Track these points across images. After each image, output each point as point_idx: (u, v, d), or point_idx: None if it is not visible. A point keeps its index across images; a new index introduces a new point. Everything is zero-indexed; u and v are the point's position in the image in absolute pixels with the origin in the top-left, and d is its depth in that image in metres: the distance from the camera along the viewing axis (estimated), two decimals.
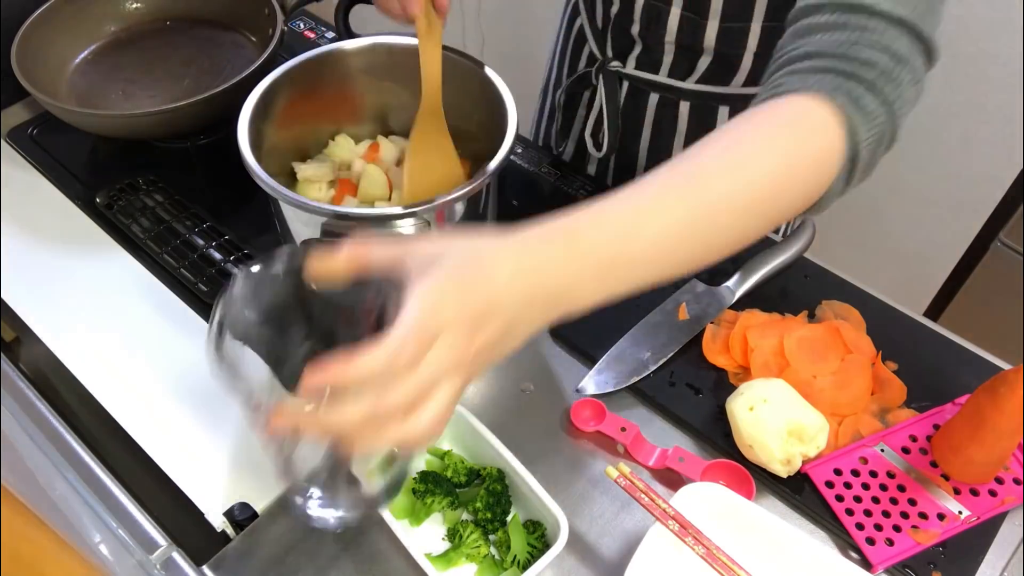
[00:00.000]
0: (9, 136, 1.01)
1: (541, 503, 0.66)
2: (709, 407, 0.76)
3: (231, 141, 0.74)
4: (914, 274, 1.72)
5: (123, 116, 0.94)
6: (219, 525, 0.69)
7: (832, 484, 0.70)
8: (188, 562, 0.67)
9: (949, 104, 1.48)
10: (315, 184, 0.83)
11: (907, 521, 0.68)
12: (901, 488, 0.70)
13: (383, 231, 0.71)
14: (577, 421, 0.75)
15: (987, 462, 0.68)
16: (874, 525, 0.68)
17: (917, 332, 0.81)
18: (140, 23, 1.08)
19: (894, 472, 0.71)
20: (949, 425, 0.70)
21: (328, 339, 0.53)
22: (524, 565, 0.64)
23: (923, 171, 1.59)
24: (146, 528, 0.69)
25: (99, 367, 0.79)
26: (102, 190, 0.94)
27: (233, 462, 0.72)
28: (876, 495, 0.70)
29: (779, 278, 0.84)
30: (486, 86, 0.79)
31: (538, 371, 0.79)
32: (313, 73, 0.82)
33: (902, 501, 0.70)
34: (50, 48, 1.00)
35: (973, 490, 0.70)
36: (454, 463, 0.71)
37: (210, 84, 0.99)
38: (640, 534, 0.64)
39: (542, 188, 0.96)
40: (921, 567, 0.66)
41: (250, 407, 0.54)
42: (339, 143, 0.87)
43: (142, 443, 0.74)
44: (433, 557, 0.67)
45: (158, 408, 0.76)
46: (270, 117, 0.79)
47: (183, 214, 0.91)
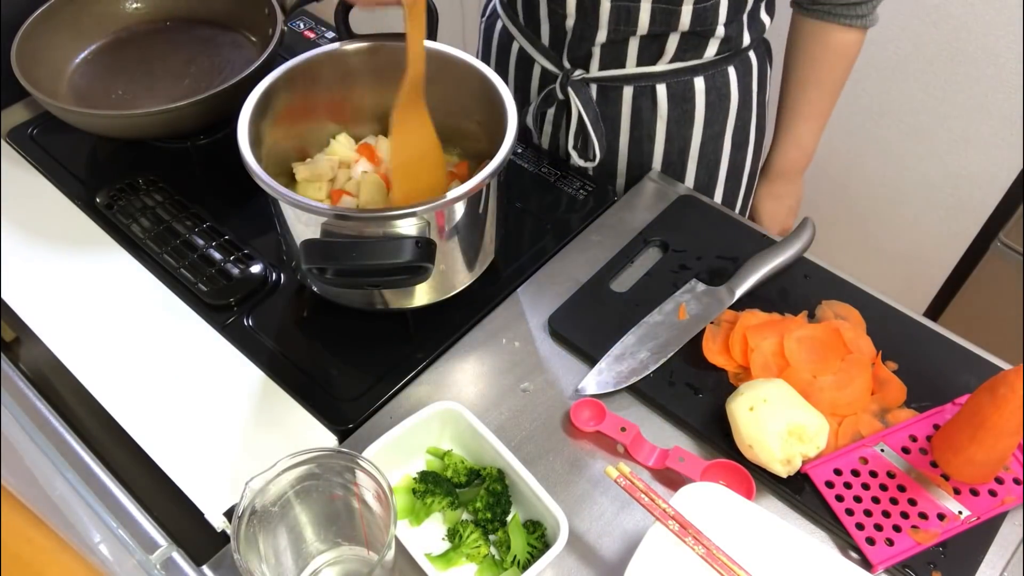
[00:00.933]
0: (9, 136, 1.01)
1: (541, 503, 0.66)
2: (709, 407, 0.76)
3: (231, 141, 0.74)
4: (914, 274, 1.72)
5: (123, 116, 0.93)
6: (219, 525, 0.69)
7: (832, 484, 0.70)
8: (188, 562, 0.67)
9: (949, 104, 1.48)
10: (314, 184, 0.83)
11: (907, 521, 0.68)
12: (901, 488, 0.70)
13: (383, 231, 0.71)
14: (577, 421, 0.75)
15: (987, 462, 0.68)
16: (874, 525, 0.68)
17: (917, 332, 0.81)
18: (140, 23, 1.08)
19: (894, 472, 0.71)
20: (949, 425, 0.70)
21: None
22: (524, 565, 0.64)
23: (923, 171, 1.59)
24: (146, 528, 0.69)
25: (99, 367, 0.79)
26: (102, 190, 0.94)
27: (233, 462, 0.72)
28: (876, 495, 0.70)
29: (779, 278, 0.84)
30: (486, 86, 0.79)
31: (538, 371, 0.79)
32: (313, 73, 0.82)
33: (902, 501, 0.70)
34: (50, 48, 1.00)
35: (973, 490, 0.70)
36: (454, 463, 0.71)
37: (210, 84, 0.99)
38: (640, 534, 0.64)
39: (542, 188, 0.96)
40: (921, 567, 0.66)
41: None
42: (339, 143, 0.87)
43: (142, 443, 0.74)
44: (433, 557, 0.67)
45: (158, 408, 0.76)
46: (270, 117, 0.79)
47: (183, 214, 0.91)
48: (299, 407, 0.76)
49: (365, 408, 0.76)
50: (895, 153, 1.61)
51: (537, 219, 0.93)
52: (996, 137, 1.46)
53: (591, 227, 0.92)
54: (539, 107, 0.99)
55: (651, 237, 0.89)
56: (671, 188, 0.97)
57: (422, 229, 0.70)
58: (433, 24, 0.97)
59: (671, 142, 0.98)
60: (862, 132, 1.62)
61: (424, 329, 0.82)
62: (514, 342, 0.82)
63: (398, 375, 0.78)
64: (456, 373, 0.79)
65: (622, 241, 0.89)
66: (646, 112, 0.95)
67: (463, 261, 0.79)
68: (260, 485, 0.60)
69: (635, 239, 0.89)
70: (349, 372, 0.78)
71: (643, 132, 0.97)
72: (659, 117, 0.95)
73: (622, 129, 0.97)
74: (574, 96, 0.94)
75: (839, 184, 1.72)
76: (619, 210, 0.94)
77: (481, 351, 0.81)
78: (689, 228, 0.90)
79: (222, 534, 0.69)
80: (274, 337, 0.81)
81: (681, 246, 0.88)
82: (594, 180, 0.97)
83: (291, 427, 0.75)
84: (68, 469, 0.73)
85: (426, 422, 0.71)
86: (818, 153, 1.07)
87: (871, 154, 1.64)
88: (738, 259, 0.85)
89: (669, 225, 0.91)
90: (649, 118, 0.96)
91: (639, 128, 0.97)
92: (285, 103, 0.81)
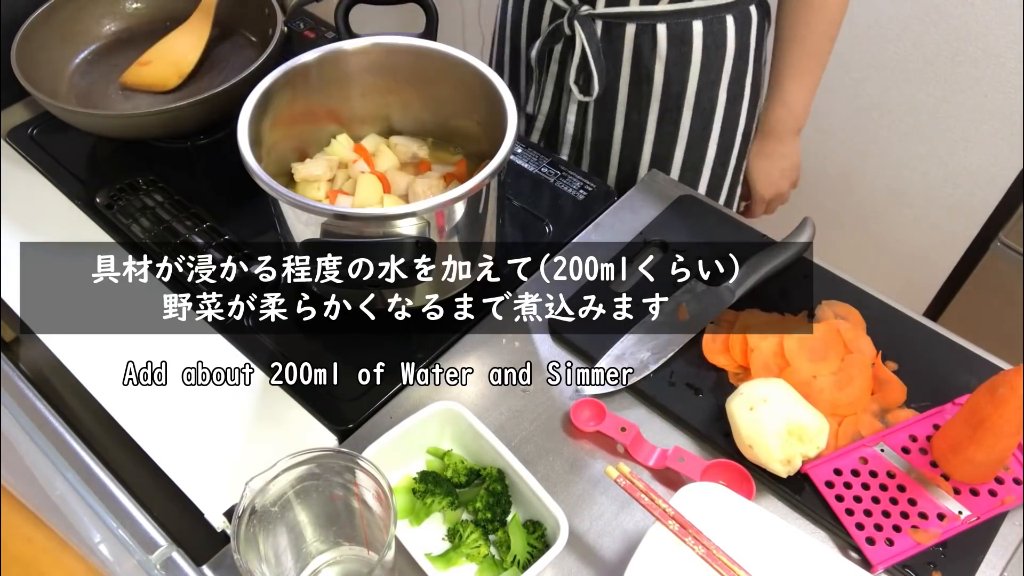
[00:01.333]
0: (9, 136, 1.01)
1: (541, 503, 0.66)
2: (709, 407, 0.76)
3: (231, 141, 0.74)
4: (914, 274, 1.72)
5: (123, 116, 0.94)
6: (219, 525, 0.69)
7: (832, 484, 0.70)
8: (188, 562, 0.67)
9: (949, 104, 1.48)
10: (314, 184, 0.83)
11: (907, 521, 0.68)
12: (901, 488, 0.70)
13: (382, 231, 0.71)
14: (577, 421, 0.75)
15: (987, 462, 0.68)
16: (874, 525, 0.68)
17: (917, 332, 0.81)
18: (140, 23, 1.08)
19: (894, 472, 0.71)
20: (949, 425, 0.70)
21: None
22: (524, 565, 0.64)
23: (923, 171, 1.59)
24: (146, 528, 0.69)
25: (99, 367, 0.79)
26: (102, 190, 0.94)
27: (233, 462, 0.72)
28: (876, 495, 0.70)
29: (779, 278, 0.84)
30: (486, 86, 0.79)
31: (538, 371, 0.79)
32: (313, 73, 0.82)
33: (902, 501, 0.69)
34: (50, 48, 1.00)
35: (973, 490, 0.70)
36: (454, 463, 0.71)
37: (210, 84, 0.99)
38: (640, 534, 0.64)
39: (542, 188, 0.96)
40: (921, 567, 0.66)
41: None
42: (339, 143, 0.87)
43: (142, 443, 0.74)
44: (433, 557, 0.67)
45: (158, 408, 0.76)
46: (270, 117, 0.79)
47: (183, 214, 0.91)
48: (299, 407, 0.76)
49: (365, 408, 0.76)
50: (895, 153, 1.61)
51: (537, 219, 0.93)
52: (996, 137, 1.46)
53: (591, 227, 0.92)
54: (545, 42, 1.03)
55: (651, 237, 0.89)
56: (671, 188, 0.97)
57: (422, 229, 0.70)
58: (433, 24, 0.97)
59: (669, 85, 1.01)
60: (862, 132, 1.62)
61: (424, 329, 0.82)
62: (514, 342, 0.82)
63: (398, 375, 0.78)
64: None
65: (622, 241, 0.89)
66: (646, 50, 0.98)
67: (463, 261, 0.79)
68: (260, 485, 0.60)
69: (635, 239, 0.89)
70: (349, 372, 0.78)
71: (642, 72, 1.00)
72: (658, 57, 0.99)
73: (623, 66, 1.00)
74: (579, 30, 0.98)
75: (839, 184, 1.72)
76: (619, 210, 0.94)
77: (481, 351, 0.81)
78: (689, 228, 0.90)
79: (222, 534, 0.69)
80: (274, 337, 0.81)
81: (681, 246, 0.88)
82: (592, 174, 0.97)
83: (291, 427, 0.75)
84: (68, 469, 0.73)
85: (426, 422, 0.71)
86: (818, 153, 1.07)
87: (871, 154, 1.64)
88: (738, 259, 0.85)
89: (669, 225, 0.91)
90: (649, 56, 0.99)
91: (639, 67, 1.00)
92: (285, 103, 0.81)
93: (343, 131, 0.88)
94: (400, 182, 0.84)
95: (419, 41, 0.84)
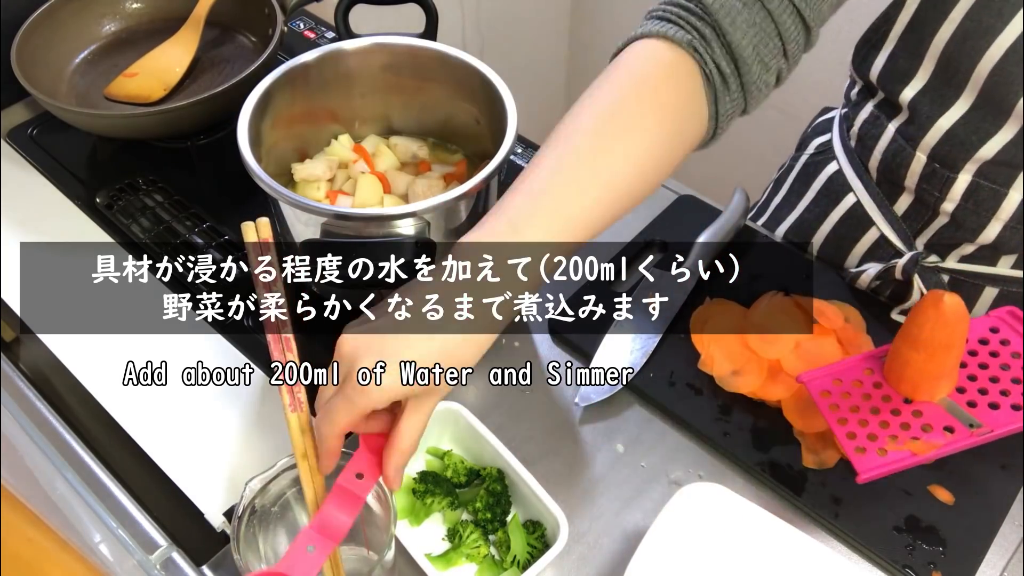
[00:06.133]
0: (9, 136, 1.01)
1: (541, 503, 0.66)
2: (709, 407, 0.76)
3: (231, 141, 0.74)
4: None
5: (123, 116, 0.94)
6: (219, 525, 0.69)
7: (829, 393, 0.66)
8: (188, 562, 0.67)
9: None
10: (313, 184, 0.83)
11: (907, 432, 0.63)
12: (907, 400, 0.65)
13: (382, 231, 0.71)
14: None
15: (932, 376, 0.65)
16: (867, 435, 0.63)
17: None
18: (140, 23, 1.08)
19: None
20: (894, 348, 0.68)
21: None
22: (524, 565, 0.64)
23: None
24: (146, 528, 0.69)
25: (99, 367, 0.79)
26: (102, 190, 0.94)
27: (233, 462, 0.72)
28: (876, 406, 0.65)
29: (779, 277, 0.84)
30: (486, 86, 0.79)
31: (538, 371, 0.79)
32: (313, 73, 0.82)
33: (905, 412, 0.64)
34: (50, 48, 1.00)
35: (992, 404, 0.64)
36: (454, 463, 0.71)
37: (210, 84, 0.99)
38: (640, 534, 0.64)
39: None
40: (921, 567, 0.66)
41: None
42: (340, 143, 0.87)
43: (142, 443, 0.74)
44: (433, 557, 0.67)
45: (158, 408, 0.76)
46: (270, 117, 0.79)
47: (183, 214, 0.91)
48: None
49: None
50: None
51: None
52: None
53: None
54: (874, 277, 0.82)
55: (651, 237, 0.89)
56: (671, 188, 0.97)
57: (422, 229, 0.70)
58: (433, 24, 0.97)
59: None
60: None
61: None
62: (514, 342, 0.82)
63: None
64: None
65: (622, 241, 0.89)
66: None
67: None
68: (260, 485, 0.60)
69: (635, 239, 0.89)
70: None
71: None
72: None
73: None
74: (918, 282, 0.79)
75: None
76: None
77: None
78: (689, 228, 0.90)
79: (222, 534, 0.69)
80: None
81: (681, 246, 0.88)
82: None
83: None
84: (68, 469, 0.73)
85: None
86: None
87: None
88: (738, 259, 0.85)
89: (669, 225, 0.91)
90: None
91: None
92: (285, 103, 0.81)
93: (343, 131, 0.88)
94: (400, 182, 0.84)
95: (419, 41, 0.84)
